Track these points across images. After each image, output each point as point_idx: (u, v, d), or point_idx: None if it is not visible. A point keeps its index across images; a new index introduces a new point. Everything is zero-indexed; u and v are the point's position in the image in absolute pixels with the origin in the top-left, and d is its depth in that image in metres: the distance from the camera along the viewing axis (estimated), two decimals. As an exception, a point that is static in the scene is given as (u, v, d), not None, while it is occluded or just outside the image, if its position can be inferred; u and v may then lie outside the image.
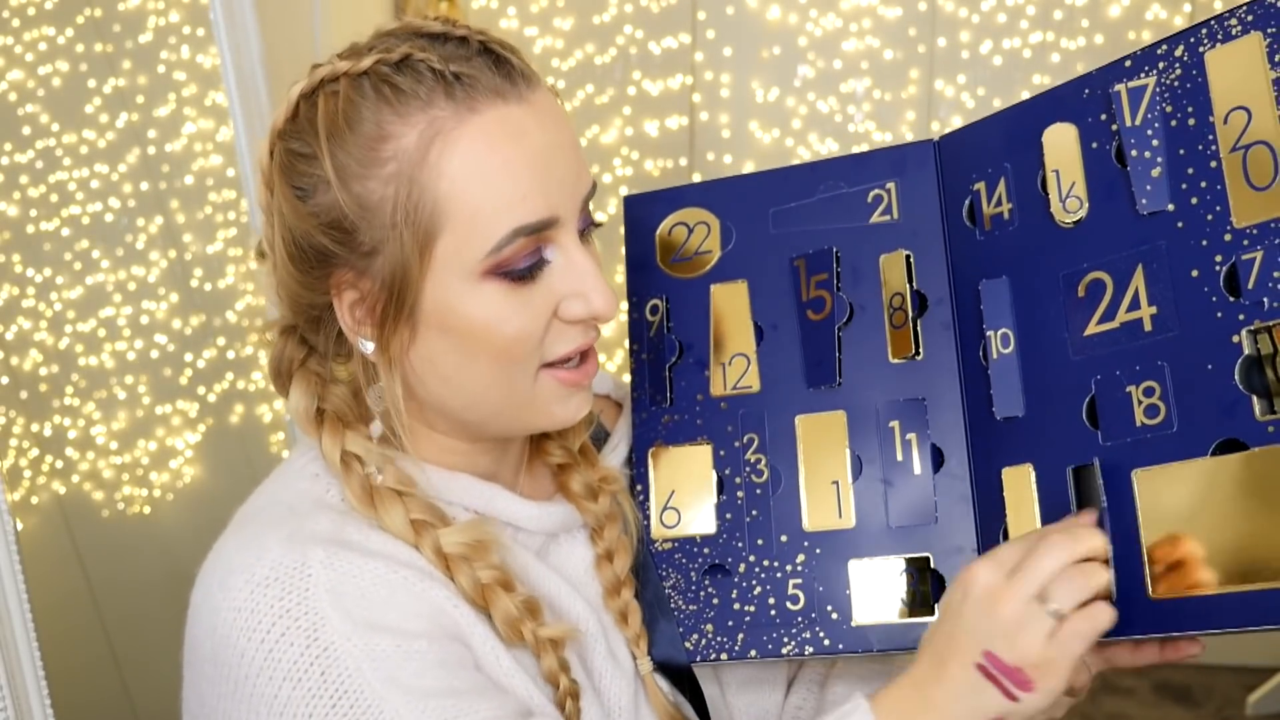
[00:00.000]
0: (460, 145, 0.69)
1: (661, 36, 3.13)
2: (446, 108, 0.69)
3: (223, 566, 0.70)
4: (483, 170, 0.69)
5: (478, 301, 0.71)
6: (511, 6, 3.13)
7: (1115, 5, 3.01)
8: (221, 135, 1.84)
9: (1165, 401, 0.72)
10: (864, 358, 0.85)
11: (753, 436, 0.86)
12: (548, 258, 0.72)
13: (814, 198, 0.88)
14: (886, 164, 0.87)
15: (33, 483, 1.66)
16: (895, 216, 0.86)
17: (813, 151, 3.12)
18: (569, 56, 3.10)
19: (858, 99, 3.12)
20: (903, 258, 0.85)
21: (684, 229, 0.92)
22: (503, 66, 0.70)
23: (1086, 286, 0.77)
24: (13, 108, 1.63)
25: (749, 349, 0.88)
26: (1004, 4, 3.03)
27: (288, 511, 0.73)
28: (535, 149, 0.70)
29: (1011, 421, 0.79)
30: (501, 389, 0.74)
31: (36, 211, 1.65)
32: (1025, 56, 3.04)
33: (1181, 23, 2.99)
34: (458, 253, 0.70)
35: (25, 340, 1.66)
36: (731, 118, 3.14)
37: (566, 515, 0.82)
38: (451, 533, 0.74)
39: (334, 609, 0.67)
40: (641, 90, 3.11)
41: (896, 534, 0.82)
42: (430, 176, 0.69)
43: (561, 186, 0.71)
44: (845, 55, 3.11)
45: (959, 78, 3.07)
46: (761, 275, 0.89)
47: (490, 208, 0.69)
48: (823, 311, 0.86)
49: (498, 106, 0.69)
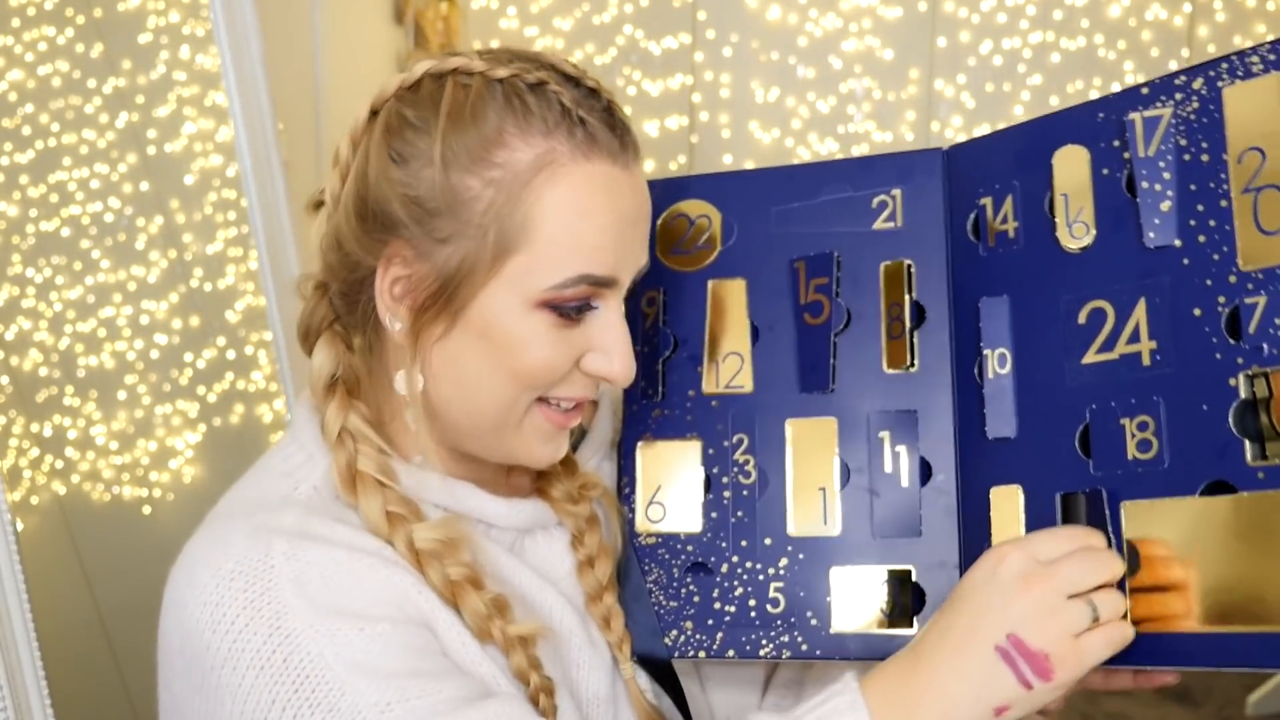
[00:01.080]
0: (566, 182, 0.72)
1: (661, 36, 3.13)
2: (566, 144, 0.73)
3: (189, 562, 0.72)
4: (577, 212, 0.73)
5: (525, 324, 0.73)
6: (511, 6, 3.13)
7: (1115, 5, 3.01)
8: (221, 135, 1.84)
9: (1158, 437, 0.71)
10: (859, 365, 0.84)
11: (742, 437, 0.86)
12: (590, 313, 0.76)
13: (818, 199, 0.88)
14: (893, 170, 0.86)
15: (33, 483, 1.66)
16: (899, 224, 0.85)
17: (813, 151, 3.12)
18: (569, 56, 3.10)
19: (858, 99, 3.11)
20: (904, 267, 0.85)
21: (685, 220, 0.92)
22: (619, 131, 0.76)
23: (1088, 315, 0.76)
24: (13, 108, 1.63)
25: (744, 348, 0.88)
26: (1004, 4, 3.03)
27: (254, 507, 0.75)
28: (622, 213, 0.75)
29: (1003, 442, 0.79)
30: (502, 407, 0.76)
31: (36, 211, 1.65)
32: (1025, 56, 3.04)
33: (1181, 23, 2.99)
34: (525, 275, 0.72)
35: (25, 340, 1.66)
36: (731, 118, 3.14)
37: (537, 512, 0.83)
38: (424, 528, 0.74)
39: (297, 597, 0.68)
40: (641, 90, 3.11)
41: (880, 544, 0.82)
42: (530, 198, 0.72)
43: (630, 254, 0.76)
44: (845, 55, 3.10)
45: (959, 78, 3.06)
46: (761, 274, 0.89)
47: (570, 248, 0.72)
48: (820, 316, 0.86)
49: (607, 164, 0.74)
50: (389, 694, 0.67)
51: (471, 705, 0.68)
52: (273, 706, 0.67)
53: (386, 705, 0.66)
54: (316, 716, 0.66)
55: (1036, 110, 3.09)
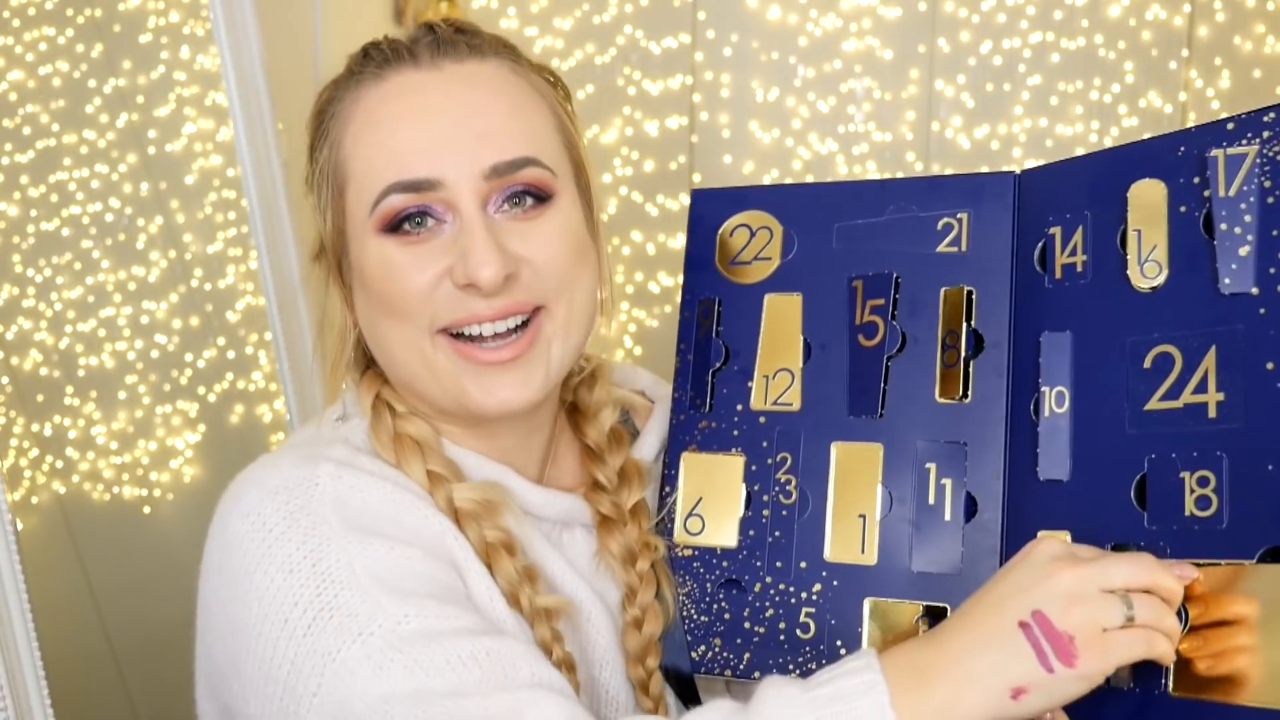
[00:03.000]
0: (360, 106, 0.74)
1: (661, 36, 3.13)
2: (369, 79, 0.75)
3: (238, 485, 0.74)
4: (371, 127, 0.73)
5: (377, 255, 0.74)
6: (511, 6, 3.13)
7: (1115, 5, 3.01)
8: (221, 135, 1.84)
9: (1219, 495, 0.67)
10: (910, 392, 0.81)
11: (786, 456, 0.84)
12: (442, 219, 0.73)
13: (881, 217, 0.85)
14: (962, 192, 0.83)
15: (33, 483, 1.66)
16: (963, 248, 0.82)
17: (813, 151, 3.12)
18: (569, 56, 3.10)
19: (858, 99, 3.11)
20: (964, 293, 0.81)
21: (746, 231, 0.89)
22: (436, 41, 0.75)
23: (1154, 358, 0.72)
24: (13, 108, 1.63)
25: (795, 365, 0.86)
26: (1004, 4, 3.03)
27: (307, 441, 0.78)
28: (432, 109, 0.73)
29: (1054, 484, 0.76)
30: (409, 352, 0.76)
31: (36, 211, 1.65)
32: (1025, 56, 3.04)
33: (1181, 23, 2.99)
34: (356, 206, 0.74)
35: (25, 340, 1.65)
36: (731, 118, 3.14)
37: (573, 507, 0.83)
38: (465, 488, 0.76)
39: (335, 514, 0.70)
40: (641, 90, 3.11)
41: (917, 579, 0.79)
42: (339, 137, 0.75)
43: (458, 148, 0.72)
44: (845, 55, 3.10)
45: (959, 78, 3.06)
46: (818, 291, 0.86)
47: (377, 163, 0.73)
48: (874, 338, 0.83)
49: (404, 72, 0.74)
50: (408, 608, 0.67)
51: (489, 635, 0.68)
52: (294, 607, 0.67)
53: (404, 618, 0.67)
54: (335, 620, 0.67)
55: (1036, 110, 3.09)
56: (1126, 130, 3.03)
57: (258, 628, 0.68)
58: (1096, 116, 3.05)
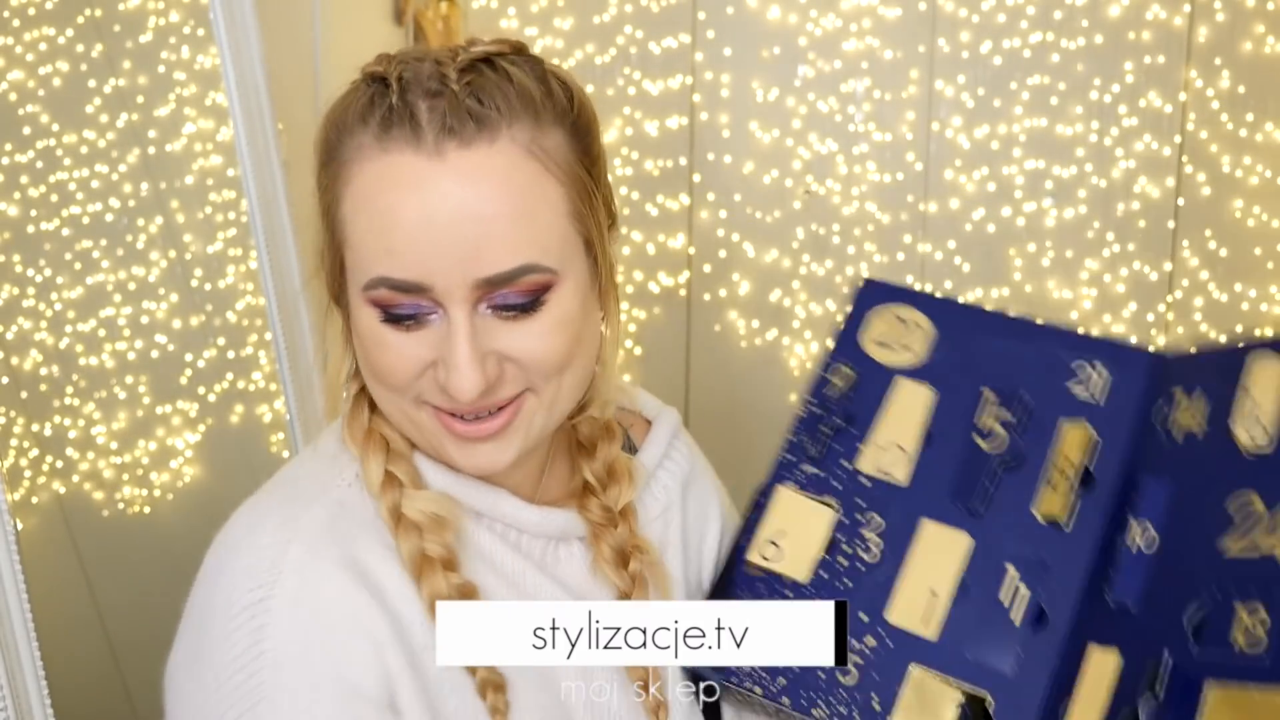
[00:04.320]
0: (361, 177, 0.70)
1: (661, 36, 3.13)
2: (372, 136, 0.70)
3: (227, 542, 0.74)
4: (367, 207, 0.69)
5: (363, 319, 0.72)
6: (511, 6, 3.13)
7: (1115, 5, 3.01)
8: (221, 135, 1.83)
9: (1270, 634, 0.69)
10: (1013, 502, 0.85)
11: (879, 520, 0.87)
12: (430, 312, 0.70)
13: (1027, 345, 0.90)
14: (1108, 354, 0.88)
15: (33, 483, 1.66)
16: (1094, 399, 0.87)
17: (813, 151, 3.12)
18: (569, 56, 3.09)
19: (858, 99, 3.11)
20: (1088, 436, 0.86)
21: (899, 323, 0.95)
22: (451, 117, 0.68)
23: (1241, 508, 0.76)
24: (13, 108, 1.63)
25: (910, 446, 0.89)
26: (1004, 4, 3.03)
27: (295, 494, 0.76)
28: (428, 211, 0.67)
29: (1123, 609, 0.79)
30: (392, 408, 0.75)
31: (36, 211, 1.65)
32: (1025, 56, 3.04)
33: (1181, 23, 3.00)
34: (352, 270, 0.72)
35: (25, 340, 1.65)
36: (731, 118, 3.14)
37: (568, 522, 0.82)
38: (417, 498, 0.75)
39: (285, 631, 0.69)
40: (641, 90, 3.11)
41: (969, 664, 0.81)
42: (340, 192, 0.71)
43: (445, 258, 0.68)
44: (845, 55, 3.10)
45: (959, 78, 3.06)
46: (949, 391, 0.90)
47: (370, 247, 0.69)
48: (993, 443, 0.87)
49: (406, 154, 0.68)
50: None
51: None
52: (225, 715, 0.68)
53: None
54: None
55: (1036, 110, 3.09)
56: (1126, 130, 3.03)
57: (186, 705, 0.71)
58: (1096, 116, 3.05)
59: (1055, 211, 3.08)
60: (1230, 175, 3.02)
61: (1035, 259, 3.10)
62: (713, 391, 3.21)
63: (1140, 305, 3.09)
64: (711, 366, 3.21)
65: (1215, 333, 3.07)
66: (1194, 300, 3.07)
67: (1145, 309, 3.09)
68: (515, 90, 0.70)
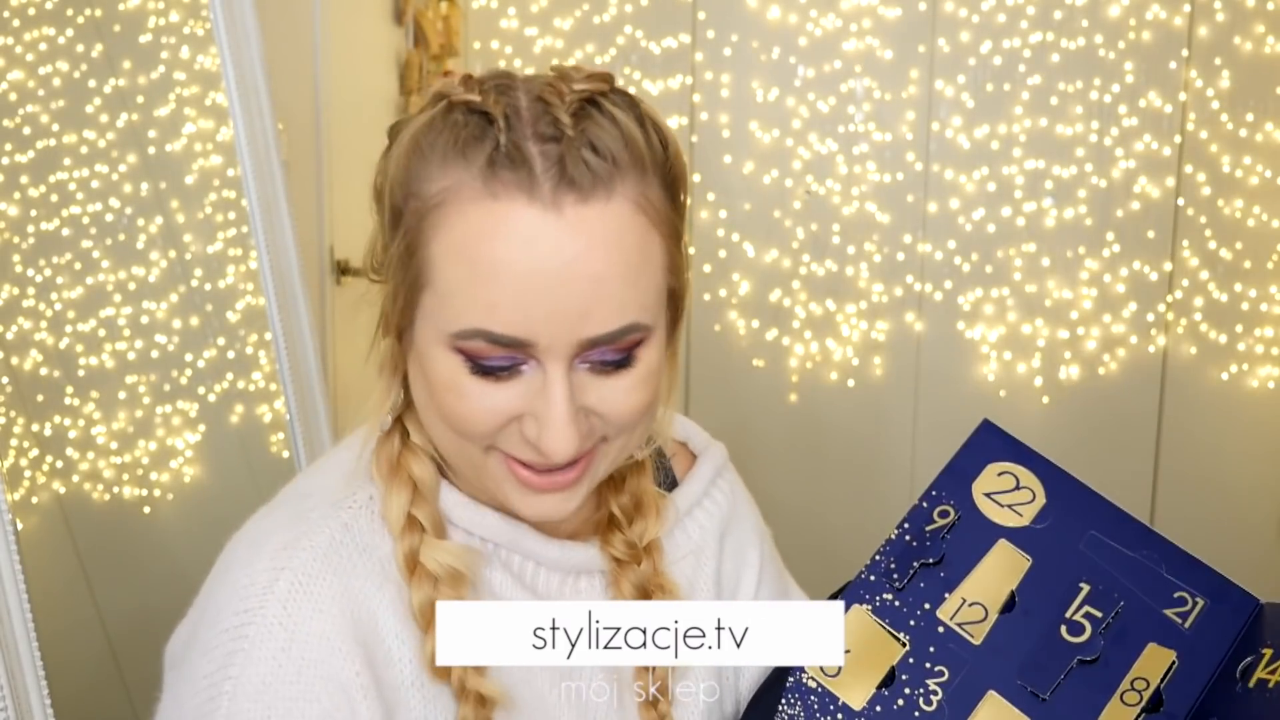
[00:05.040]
0: (462, 223, 0.66)
1: (661, 36, 3.13)
2: (478, 178, 0.65)
3: (232, 554, 0.74)
4: (468, 259, 0.65)
5: (443, 365, 0.68)
6: (511, 6, 3.13)
7: (1115, 5, 3.01)
8: (221, 135, 1.84)
9: None
10: (1080, 697, 0.85)
11: (946, 673, 0.87)
12: (524, 370, 0.68)
13: (1133, 553, 0.90)
14: (1210, 583, 0.89)
15: (33, 483, 1.66)
16: (1186, 626, 0.87)
17: (813, 151, 3.12)
18: (569, 56, 3.10)
19: (858, 99, 3.11)
20: (1169, 659, 0.86)
21: (1013, 480, 0.94)
22: (571, 168, 0.64)
23: None
24: (13, 108, 1.63)
25: (993, 608, 0.89)
26: (1004, 4, 3.03)
27: (304, 512, 0.75)
28: (538, 267, 0.64)
29: None
30: (453, 449, 0.73)
31: (36, 211, 1.65)
32: (1025, 56, 3.04)
33: (1181, 23, 3.00)
34: (434, 313, 0.68)
35: (25, 340, 1.65)
36: (731, 118, 3.14)
37: (589, 557, 0.81)
38: (438, 549, 0.74)
39: (259, 646, 0.69)
40: (641, 90, 3.11)
41: None
42: (430, 232, 0.67)
43: (556, 318, 0.65)
44: (845, 55, 3.10)
45: (959, 78, 3.06)
46: (1047, 568, 0.90)
47: (465, 297, 0.66)
48: (1077, 637, 0.87)
49: (519, 204, 0.64)
50: None
51: None
52: None
53: None
54: None
55: (1036, 110, 3.09)
56: (1126, 130, 3.04)
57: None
58: (1096, 116, 3.05)
59: (1055, 211, 3.08)
60: (1230, 175, 3.02)
61: (1035, 259, 3.10)
62: (712, 391, 3.21)
63: (1140, 305, 3.09)
64: (711, 366, 3.21)
65: (1215, 333, 3.07)
66: (1194, 300, 3.07)
67: (1145, 309, 3.09)
68: (624, 139, 0.67)
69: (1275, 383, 3.05)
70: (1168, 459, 3.11)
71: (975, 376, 3.13)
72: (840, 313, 3.17)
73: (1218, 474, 3.08)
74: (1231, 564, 0.89)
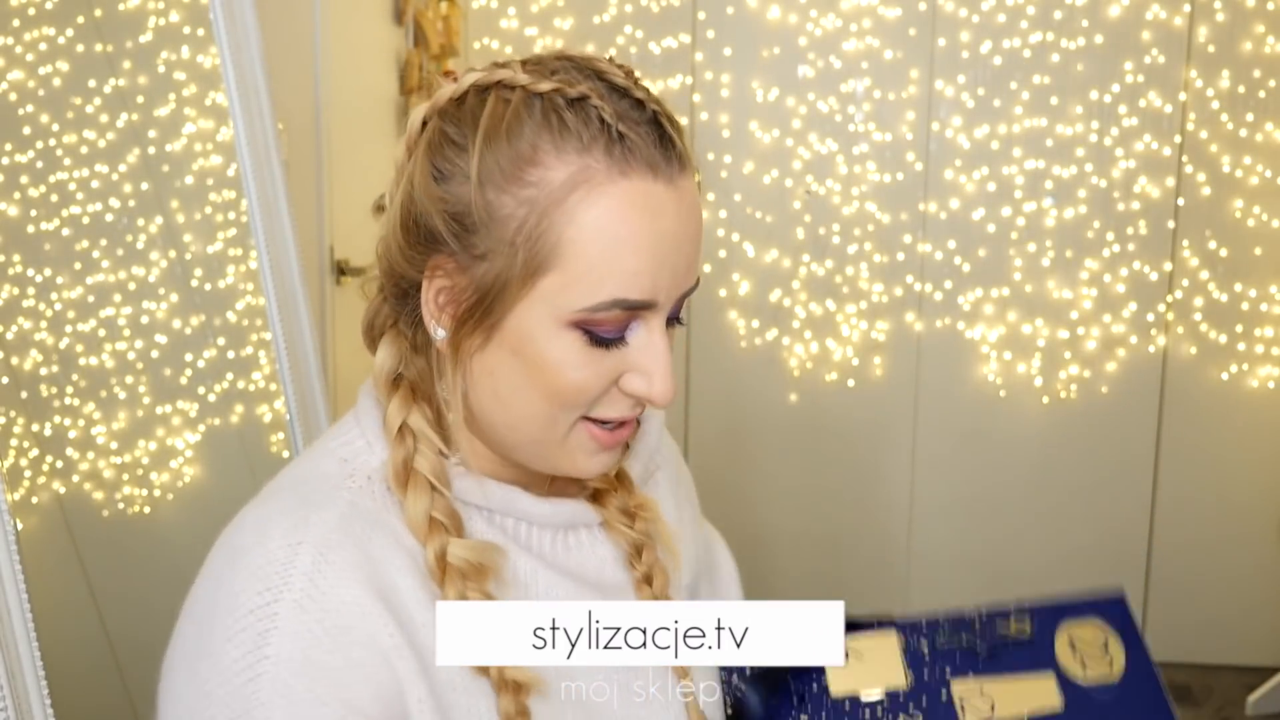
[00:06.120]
0: (600, 203, 0.71)
1: (661, 36, 3.13)
2: (603, 161, 0.71)
3: (235, 543, 0.74)
4: (611, 234, 0.71)
5: (556, 343, 0.73)
6: (511, 6, 3.13)
7: (1115, 5, 3.01)
8: (221, 135, 1.84)
9: None
10: None
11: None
12: (629, 334, 0.75)
13: None
14: None
15: (33, 483, 1.66)
16: None
17: (813, 151, 3.12)
18: (569, 56, 3.09)
19: (858, 99, 3.11)
20: None
21: (1103, 641, 0.97)
22: (665, 143, 0.73)
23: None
24: (13, 108, 1.63)
25: (999, 715, 0.91)
26: (1004, 4, 3.03)
27: (307, 488, 0.76)
28: (663, 232, 0.73)
29: None
30: (541, 423, 0.76)
31: (36, 211, 1.65)
32: (1025, 56, 3.04)
33: (1181, 23, 3.00)
34: (559, 294, 0.72)
35: (25, 340, 1.65)
36: (731, 118, 3.14)
37: (577, 510, 0.84)
38: (460, 546, 0.75)
39: (290, 633, 0.69)
40: (641, 90, 3.10)
41: None
42: (563, 218, 0.71)
43: (673, 276, 0.74)
44: (845, 55, 3.10)
45: (959, 78, 3.06)
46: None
47: (604, 270, 0.72)
48: None
49: (647, 180, 0.72)
50: None
51: None
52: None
53: None
54: None
55: (1036, 110, 3.09)
56: (1126, 130, 3.04)
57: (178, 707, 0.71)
58: (1096, 116, 3.05)
59: (1055, 211, 3.08)
60: (1230, 175, 3.02)
61: (1035, 259, 3.10)
62: (713, 391, 3.21)
63: (1140, 305, 3.09)
64: (711, 366, 3.21)
65: (1215, 333, 3.07)
66: (1194, 300, 3.07)
67: (1145, 309, 3.09)
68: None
69: (1275, 383, 3.05)
70: (1168, 459, 3.11)
71: (975, 376, 3.13)
72: (840, 313, 3.17)
73: (1217, 474, 3.08)
74: (1231, 564, 0.88)
